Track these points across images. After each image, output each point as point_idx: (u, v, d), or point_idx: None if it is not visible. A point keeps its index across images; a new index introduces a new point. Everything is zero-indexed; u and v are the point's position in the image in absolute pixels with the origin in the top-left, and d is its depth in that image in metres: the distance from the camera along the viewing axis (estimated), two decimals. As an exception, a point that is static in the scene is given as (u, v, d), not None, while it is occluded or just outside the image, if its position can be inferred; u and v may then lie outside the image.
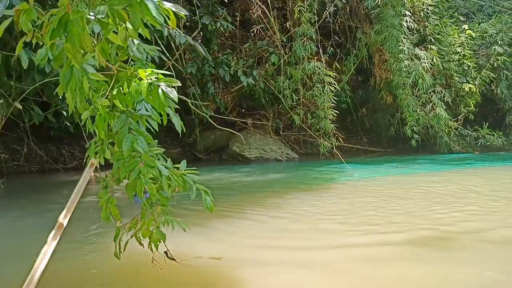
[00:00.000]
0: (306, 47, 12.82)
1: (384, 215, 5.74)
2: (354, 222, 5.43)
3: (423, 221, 5.29)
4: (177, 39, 8.92)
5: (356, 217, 5.75)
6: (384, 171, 10.83)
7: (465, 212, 5.84)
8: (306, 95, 13.20)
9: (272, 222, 5.67)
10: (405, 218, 5.55)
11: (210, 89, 13.78)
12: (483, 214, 5.71)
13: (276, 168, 12.64)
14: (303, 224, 5.52)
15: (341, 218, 5.70)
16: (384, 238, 4.75)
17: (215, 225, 5.54)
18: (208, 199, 3.86)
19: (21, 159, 14.19)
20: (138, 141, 3.32)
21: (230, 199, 7.55)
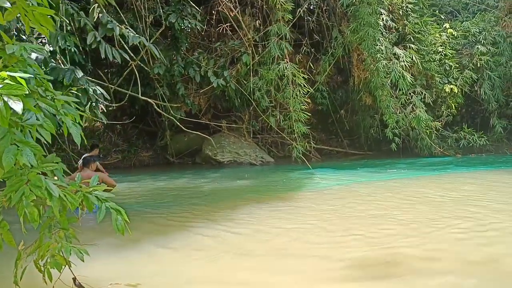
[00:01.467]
0: (280, 46, 12.40)
1: (333, 236, 5.35)
2: (299, 249, 5.00)
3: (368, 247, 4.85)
4: (130, 39, 8.46)
5: (301, 242, 5.29)
6: (356, 177, 10.46)
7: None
8: (277, 96, 12.77)
9: (210, 239, 5.26)
10: (358, 241, 5.14)
11: (180, 90, 13.32)
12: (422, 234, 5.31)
13: (246, 173, 12.23)
14: (246, 243, 5.12)
15: (284, 241, 5.25)
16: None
17: (146, 243, 5.14)
18: (119, 220, 3.45)
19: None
20: (23, 153, 2.87)
21: (176, 209, 7.16)
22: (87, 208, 3.41)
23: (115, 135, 16.34)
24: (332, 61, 14.47)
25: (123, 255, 4.83)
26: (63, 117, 3.25)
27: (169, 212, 7.06)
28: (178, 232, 5.75)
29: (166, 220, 6.50)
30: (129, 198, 8.82)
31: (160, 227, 5.98)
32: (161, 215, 6.89)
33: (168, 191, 9.40)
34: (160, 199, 8.53)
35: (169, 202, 8.10)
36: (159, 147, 15.99)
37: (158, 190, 9.63)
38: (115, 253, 4.85)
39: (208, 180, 10.76)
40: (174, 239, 5.39)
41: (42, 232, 3.48)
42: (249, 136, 15.12)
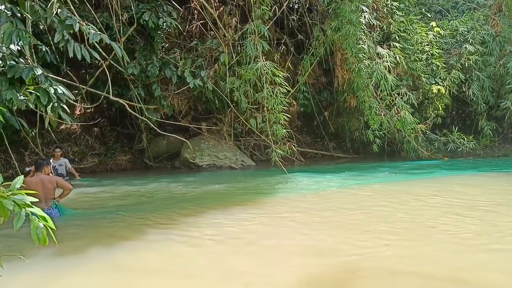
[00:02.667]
0: (257, 45, 12.11)
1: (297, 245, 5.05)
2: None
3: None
4: (90, 37, 8.14)
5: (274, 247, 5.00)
6: (335, 181, 10.17)
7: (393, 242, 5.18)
8: (256, 97, 12.47)
9: (156, 251, 4.95)
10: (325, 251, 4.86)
11: (156, 91, 13.00)
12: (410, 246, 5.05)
13: (224, 177, 11.96)
14: (196, 256, 4.81)
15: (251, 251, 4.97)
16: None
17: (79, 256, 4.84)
18: (40, 227, 3.11)
19: (-51, 167, 13.34)
20: None
21: (135, 217, 6.84)
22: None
23: (92, 138, 15.98)
24: (314, 61, 14.20)
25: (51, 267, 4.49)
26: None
27: (123, 219, 6.80)
28: (122, 242, 5.43)
29: (116, 229, 6.21)
30: (90, 203, 8.50)
31: (107, 239, 5.63)
32: (113, 223, 6.62)
33: (135, 197, 9.07)
34: (123, 205, 8.22)
35: (129, 209, 7.79)
36: (137, 150, 15.67)
37: (125, 196, 9.30)
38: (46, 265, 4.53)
39: (181, 185, 10.44)
40: (127, 245, 5.10)
41: None
42: (230, 139, 14.81)
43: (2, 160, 13.88)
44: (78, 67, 15.05)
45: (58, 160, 11.38)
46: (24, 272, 4.17)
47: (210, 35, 13.59)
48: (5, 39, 7.47)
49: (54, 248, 4.82)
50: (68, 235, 5.86)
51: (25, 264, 3.98)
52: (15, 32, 7.53)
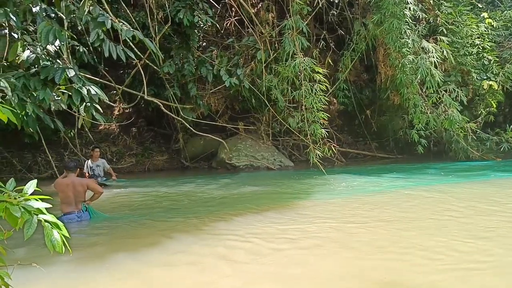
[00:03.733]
0: (295, 41, 11.74)
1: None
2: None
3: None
4: (123, 33, 8.02)
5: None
6: (377, 184, 9.66)
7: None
8: (294, 95, 12.10)
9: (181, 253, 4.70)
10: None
11: (192, 90, 12.86)
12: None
13: (260, 178, 11.65)
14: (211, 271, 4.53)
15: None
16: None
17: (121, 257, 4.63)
18: (55, 235, 2.89)
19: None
20: None
21: (165, 222, 6.65)
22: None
23: (130, 138, 16.07)
24: (355, 57, 13.68)
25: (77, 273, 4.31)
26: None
27: (152, 224, 6.64)
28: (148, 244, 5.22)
29: (141, 230, 6.06)
30: (122, 206, 8.38)
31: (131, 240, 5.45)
32: (141, 225, 6.51)
33: (168, 200, 8.91)
34: (155, 208, 8.07)
35: (156, 211, 7.66)
36: (174, 150, 15.62)
37: (158, 198, 9.15)
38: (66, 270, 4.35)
39: (216, 186, 10.23)
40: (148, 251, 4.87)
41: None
42: (267, 139, 14.50)
43: (43, 160, 14.14)
44: (116, 67, 15.17)
45: (96, 161, 11.40)
46: (41, 281, 4.01)
47: (247, 32, 13.34)
48: (42, 38, 7.46)
49: (74, 255, 4.67)
50: (91, 240, 5.72)
51: (42, 273, 3.79)
52: (51, 30, 7.50)
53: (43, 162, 14.13)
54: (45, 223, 2.86)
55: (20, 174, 13.61)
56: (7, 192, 2.91)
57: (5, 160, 13.92)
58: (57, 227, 2.92)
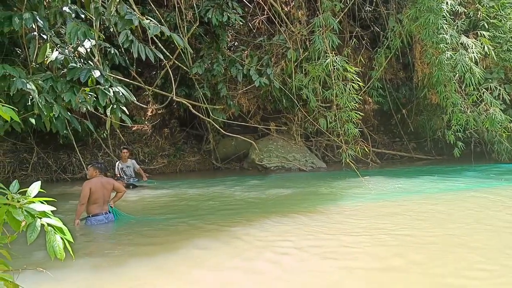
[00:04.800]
0: (327, 39, 11.42)
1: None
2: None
3: None
4: (150, 30, 7.95)
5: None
6: (415, 187, 9.24)
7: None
8: (325, 94, 11.78)
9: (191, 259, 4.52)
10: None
11: (222, 91, 12.75)
12: None
13: (291, 180, 11.38)
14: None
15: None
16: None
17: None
18: (56, 240, 2.76)
19: (29, 168, 13.98)
20: None
21: (190, 225, 6.49)
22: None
23: (162, 139, 16.11)
24: (390, 54, 13.20)
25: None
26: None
27: (174, 224, 6.60)
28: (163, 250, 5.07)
29: (164, 233, 5.97)
30: (151, 207, 8.32)
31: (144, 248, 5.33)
32: (165, 228, 6.40)
33: (196, 201, 8.80)
34: (182, 209, 7.96)
35: (183, 213, 7.56)
36: (206, 151, 15.55)
37: (187, 199, 9.05)
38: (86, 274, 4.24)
39: (246, 188, 10.05)
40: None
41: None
42: (299, 140, 14.21)
43: (77, 161, 14.33)
44: (149, 69, 15.26)
45: (126, 162, 11.43)
46: (48, 285, 3.92)
47: (277, 30, 13.12)
48: (71, 37, 7.48)
49: (90, 260, 4.58)
50: (111, 244, 5.64)
51: (50, 277, 3.68)
52: (80, 30, 7.51)
53: (77, 163, 14.32)
54: (48, 228, 2.73)
55: (56, 174, 13.85)
56: (10, 195, 2.80)
57: (41, 160, 14.20)
58: (61, 231, 2.79)
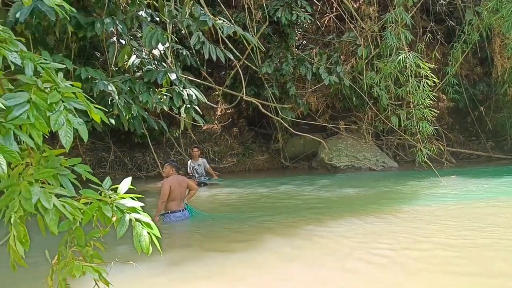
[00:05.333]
0: (399, 35, 11.04)
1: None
2: None
3: None
4: (224, 30, 8.07)
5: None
6: (497, 189, 8.71)
7: None
8: (398, 92, 11.39)
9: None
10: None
11: (291, 89, 12.71)
12: None
13: (362, 179, 11.13)
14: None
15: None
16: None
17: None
18: (143, 235, 2.84)
19: (107, 166, 14.63)
20: None
21: (259, 222, 6.47)
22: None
23: (232, 138, 16.32)
24: (467, 49, 12.54)
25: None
26: (56, 114, 2.67)
27: (246, 221, 6.62)
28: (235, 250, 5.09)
29: (238, 230, 5.99)
30: (222, 205, 8.42)
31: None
32: (238, 225, 6.44)
33: (266, 200, 8.81)
34: (252, 208, 7.99)
35: (253, 211, 7.56)
36: (274, 150, 15.58)
37: (257, 198, 9.08)
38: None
39: (315, 187, 9.94)
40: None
41: (59, 249, 3.04)
42: (370, 138, 13.86)
43: (151, 160, 14.84)
44: (219, 69, 15.53)
45: (197, 160, 11.66)
46: (137, 279, 4.04)
47: (347, 28, 12.88)
48: (146, 42, 7.76)
49: (172, 254, 4.69)
50: (190, 239, 5.74)
51: (139, 270, 3.79)
52: (155, 34, 7.77)
53: (151, 161, 14.82)
54: (136, 223, 2.80)
55: (131, 172, 14.40)
56: (103, 191, 2.90)
57: (118, 159, 14.83)
58: (148, 227, 2.85)
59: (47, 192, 2.58)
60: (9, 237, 2.64)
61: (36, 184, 2.60)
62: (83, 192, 2.86)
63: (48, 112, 2.56)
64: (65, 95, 2.78)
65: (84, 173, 2.89)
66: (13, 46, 2.58)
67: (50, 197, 2.57)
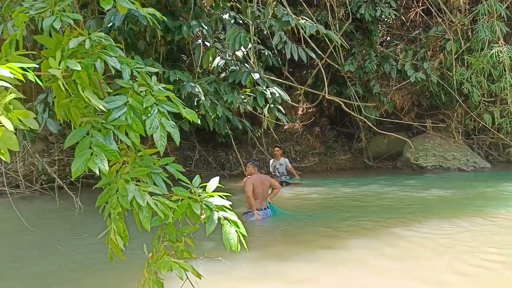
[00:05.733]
0: (493, 28, 10.34)
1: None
2: None
3: None
4: (307, 29, 8.05)
5: None
6: None
7: None
8: (491, 88, 10.67)
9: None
10: None
11: (375, 88, 12.38)
12: None
13: (451, 180, 10.57)
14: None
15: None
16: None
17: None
18: (232, 233, 2.91)
19: (192, 164, 15.13)
20: (96, 160, 2.56)
21: (343, 223, 6.36)
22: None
23: (313, 137, 16.23)
24: None
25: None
26: (150, 118, 2.81)
27: (329, 222, 6.53)
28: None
29: (321, 230, 5.89)
30: (304, 205, 8.38)
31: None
32: (321, 225, 6.36)
33: (348, 200, 8.65)
34: (334, 208, 7.87)
35: (336, 211, 7.45)
36: (357, 150, 15.27)
37: (338, 198, 8.94)
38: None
39: (400, 188, 9.59)
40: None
41: (153, 244, 3.19)
42: (459, 137, 13.12)
43: (234, 159, 15.15)
44: (300, 68, 15.49)
45: (279, 160, 11.72)
46: (224, 274, 4.14)
47: (435, 22, 12.29)
48: (230, 44, 7.95)
49: (255, 252, 4.74)
50: (273, 238, 5.78)
51: (226, 266, 3.88)
52: (238, 36, 7.94)
53: (234, 160, 15.13)
54: (224, 221, 2.87)
55: (215, 171, 14.79)
56: (192, 189, 3.00)
57: (202, 158, 15.30)
58: (235, 225, 2.91)
59: (141, 190, 2.71)
60: (109, 231, 2.81)
61: (132, 182, 2.74)
62: (175, 190, 2.97)
63: (143, 116, 2.71)
64: (158, 98, 2.92)
65: (175, 173, 3.00)
66: (113, 52, 2.75)
67: (144, 195, 2.70)
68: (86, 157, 2.51)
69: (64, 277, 4.51)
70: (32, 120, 2.38)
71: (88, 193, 8.69)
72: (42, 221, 7.43)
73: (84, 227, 6.70)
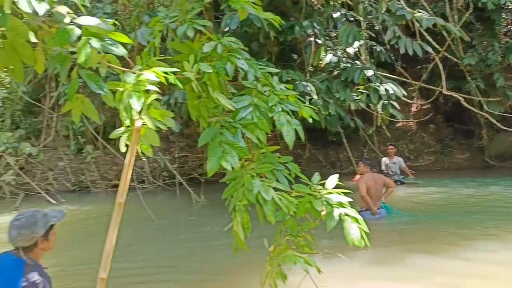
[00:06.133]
0: None
1: None
2: None
3: None
4: (423, 23, 7.75)
5: None
6: None
7: None
8: None
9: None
10: None
11: (498, 81, 11.48)
12: None
13: None
14: None
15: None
16: None
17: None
18: (353, 229, 2.95)
19: (302, 163, 15.24)
20: (227, 157, 2.75)
21: (460, 224, 5.99)
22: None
23: (428, 135, 15.46)
24: None
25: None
26: (278, 114, 2.95)
27: (445, 223, 6.22)
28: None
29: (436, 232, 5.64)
30: (419, 205, 8.05)
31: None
32: (437, 226, 6.09)
33: (464, 201, 8.16)
34: (450, 208, 7.48)
35: (454, 213, 7.06)
36: (477, 148, 14.24)
37: (456, 200, 8.43)
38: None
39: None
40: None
41: (275, 237, 3.32)
42: None
43: (344, 157, 14.96)
44: (414, 63, 14.84)
45: (392, 158, 11.37)
46: (342, 270, 4.15)
47: None
48: (343, 39, 7.94)
49: (372, 250, 4.67)
50: (389, 237, 5.65)
51: (344, 262, 3.90)
52: (351, 32, 7.90)
53: (344, 158, 14.95)
54: (345, 217, 2.90)
55: (325, 169, 14.72)
56: (313, 186, 3.07)
57: (312, 156, 15.31)
58: (356, 221, 2.92)
59: (266, 185, 2.84)
60: (233, 223, 2.97)
61: (257, 178, 2.88)
62: (296, 187, 3.06)
63: (269, 114, 2.84)
64: (280, 97, 3.03)
65: (295, 171, 3.11)
66: (239, 55, 2.91)
67: (269, 190, 2.82)
68: (219, 155, 2.69)
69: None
70: (170, 119, 2.61)
71: (205, 190, 9.21)
72: (166, 213, 8.02)
73: (205, 220, 7.11)
